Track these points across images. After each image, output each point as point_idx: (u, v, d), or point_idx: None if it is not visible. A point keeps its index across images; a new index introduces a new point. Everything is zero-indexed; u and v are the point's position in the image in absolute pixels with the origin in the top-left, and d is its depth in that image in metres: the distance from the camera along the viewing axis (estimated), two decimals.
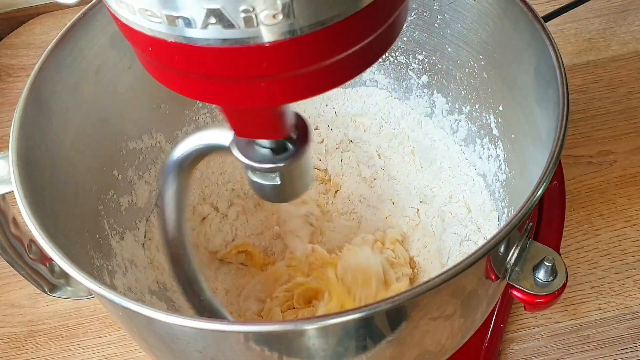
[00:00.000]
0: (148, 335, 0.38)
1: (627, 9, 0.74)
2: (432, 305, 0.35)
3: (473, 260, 0.31)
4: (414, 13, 0.51)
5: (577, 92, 0.68)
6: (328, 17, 0.22)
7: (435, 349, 0.41)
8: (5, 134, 0.73)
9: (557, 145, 0.34)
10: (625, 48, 0.71)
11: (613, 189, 0.61)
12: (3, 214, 0.42)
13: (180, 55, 0.23)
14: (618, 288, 0.55)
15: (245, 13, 0.21)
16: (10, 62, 0.81)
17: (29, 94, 0.40)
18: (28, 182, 0.37)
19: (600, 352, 0.52)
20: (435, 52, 0.53)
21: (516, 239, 0.36)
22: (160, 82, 0.28)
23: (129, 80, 0.48)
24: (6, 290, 0.61)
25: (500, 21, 0.44)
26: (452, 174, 0.57)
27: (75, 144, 0.44)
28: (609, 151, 0.63)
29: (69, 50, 0.43)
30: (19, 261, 0.44)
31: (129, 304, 0.31)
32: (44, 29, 0.83)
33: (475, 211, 0.54)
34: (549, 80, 0.38)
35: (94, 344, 0.56)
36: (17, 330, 0.58)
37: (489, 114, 0.50)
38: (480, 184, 0.54)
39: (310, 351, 0.34)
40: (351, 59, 0.25)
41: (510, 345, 0.53)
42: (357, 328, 0.33)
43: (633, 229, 0.58)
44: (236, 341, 0.33)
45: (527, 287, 0.37)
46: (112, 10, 0.24)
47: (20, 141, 0.38)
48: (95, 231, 0.46)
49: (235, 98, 0.26)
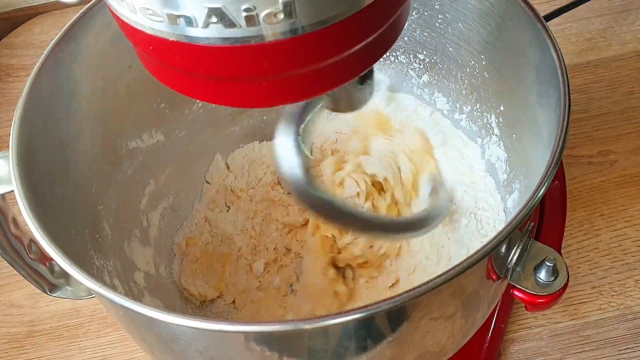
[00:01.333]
0: (148, 335, 0.38)
1: (628, 8, 0.74)
2: (433, 306, 0.35)
3: (474, 260, 0.31)
4: (415, 12, 0.51)
5: (577, 92, 0.67)
6: (329, 17, 0.22)
7: (436, 349, 0.41)
8: (5, 134, 0.73)
9: (559, 145, 0.34)
10: (626, 48, 0.71)
11: (614, 189, 0.61)
12: (3, 214, 0.42)
13: (181, 55, 0.23)
14: (619, 288, 0.55)
15: (246, 12, 0.21)
16: (10, 62, 0.81)
17: (29, 94, 0.40)
18: (28, 182, 0.37)
19: (600, 352, 0.52)
20: (436, 51, 0.52)
21: (517, 239, 0.36)
22: (160, 81, 0.28)
23: (129, 80, 0.48)
24: (6, 290, 0.60)
25: (501, 21, 0.44)
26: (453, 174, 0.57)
27: (75, 143, 0.44)
28: (610, 151, 0.63)
29: (69, 50, 0.43)
30: (19, 261, 0.44)
31: (129, 304, 0.31)
32: (44, 29, 0.83)
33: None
34: (550, 79, 0.38)
35: (94, 344, 0.56)
36: (17, 330, 0.58)
37: (490, 113, 0.50)
38: (481, 184, 0.54)
39: (310, 351, 0.34)
40: (353, 59, 0.25)
41: (511, 346, 0.53)
42: (357, 328, 0.33)
43: (633, 229, 0.58)
44: (236, 341, 0.33)
45: (528, 287, 0.37)
46: (113, 9, 0.24)
47: (20, 141, 0.38)
48: (95, 231, 0.46)
49: (236, 97, 0.26)
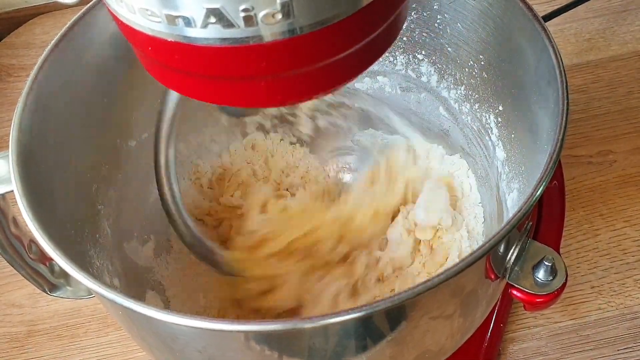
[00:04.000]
0: (148, 335, 0.38)
1: (627, 9, 0.74)
2: (432, 305, 0.35)
3: (473, 259, 0.31)
4: (414, 13, 0.51)
5: (577, 92, 0.68)
6: (328, 17, 0.23)
7: (435, 348, 0.41)
8: (5, 134, 0.73)
9: (557, 145, 0.34)
10: (625, 48, 0.71)
11: (613, 189, 0.61)
12: (3, 214, 0.42)
13: (180, 55, 0.23)
14: (618, 288, 0.55)
15: (245, 12, 0.21)
16: (10, 62, 0.81)
17: (28, 94, 0.40)
18: (28, 182, 0.37)
19: (600, 352, 0.52)
20: (435, 51, 0.53)
21: (516, 239, 0.36)
22: (160, 82, 0.28)
23: (128, 80, 0.48)
24: (6, 290, 0.61)
25: (500, 21, 0.44)
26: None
27: (75, 143, 0.44)
28: (609, 151, 0.63)
29: (69, 50, 0.43)
30: (19, 261, 0.44)
31: (129, 303, 0.31)
32: (44, 29, 0.83)
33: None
34: (549, 80, 0.38)
35: (94, 343, 0.56)
36: (17, 330, 0.58)
37: (489, 113, 0.50)
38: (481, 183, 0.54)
39: (310, 350, 0.34)
40: (351, 59, 0.26)
41: (510, 345, 0.53)
42: (356, 327, 0.33)
43: (633, 229, 0.58)
44: (236, 341, 0.33)
45: (526, 286, 0.37)
46: (112, 10, 0.25)
47: (20, 141, 0.38)
48: (95, 231, 0.46)
49: (234, 98, 0.26)
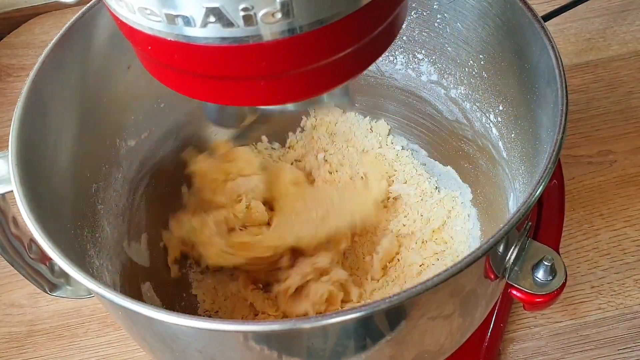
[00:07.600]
0: (148, 335, 0.38)
1: (627, 8, 0.74)
2: (431, 305, 0.35)
3: (472, 259, 0.31)
4: (413, 12, 0.51)
5: (577, 92, 0.68)
6: (327, 16, 0.23)
7: (435, 348, 0.41)
8: (5, 134, 0.73)
9: (556, 144, 0.34)
10: (626, 48, 0.71)
11: (613, 189, 0.61)
12: (3, 214, 0.42)
13: (180, 54, 0.23)
14: (618, 288, 0.55)
15: (244, 12, 0.21)
16: (10, 62, 0.81)
17: (28, 94, 0.40)
18: (28, 182, 0.37)
19: (600, 352, 0.52)
20: (434, 51, 0.53)
21: (515, 238, 0.36)
22: (160, 81, 0.28)
23: (128, 80, 0.48)
24: (6, 289, 0.61)
25: (500, 21, 0.44)
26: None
27: (75, 143, 0.44)
28: (609, 151, 0.63)
29: (69, 50, 0.43)
30: (19, 260, 0.44)
31: (128, 303, 0.31)
32: (44, 29, 0.83)
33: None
34: (548, 80, 0.38)
35: (94, 343, 0.56)
36: (17, 330, 0.58)
37: (489, 113, 0.50)
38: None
39: (309, 350, 0.34)
40: (351, 58, 0.26)
41: (511, 345, 0.53)
42: (356, 327, 0.33)
43: (633, 229, 0.58)
44: (236, 340, 0.33)
45: (526, 286, 0.37)
46: (112, 10, 0.25)
47: (20, 141, 0.38)
48: (95, 230, 0.46)
49: (234, 97, 0.26)
